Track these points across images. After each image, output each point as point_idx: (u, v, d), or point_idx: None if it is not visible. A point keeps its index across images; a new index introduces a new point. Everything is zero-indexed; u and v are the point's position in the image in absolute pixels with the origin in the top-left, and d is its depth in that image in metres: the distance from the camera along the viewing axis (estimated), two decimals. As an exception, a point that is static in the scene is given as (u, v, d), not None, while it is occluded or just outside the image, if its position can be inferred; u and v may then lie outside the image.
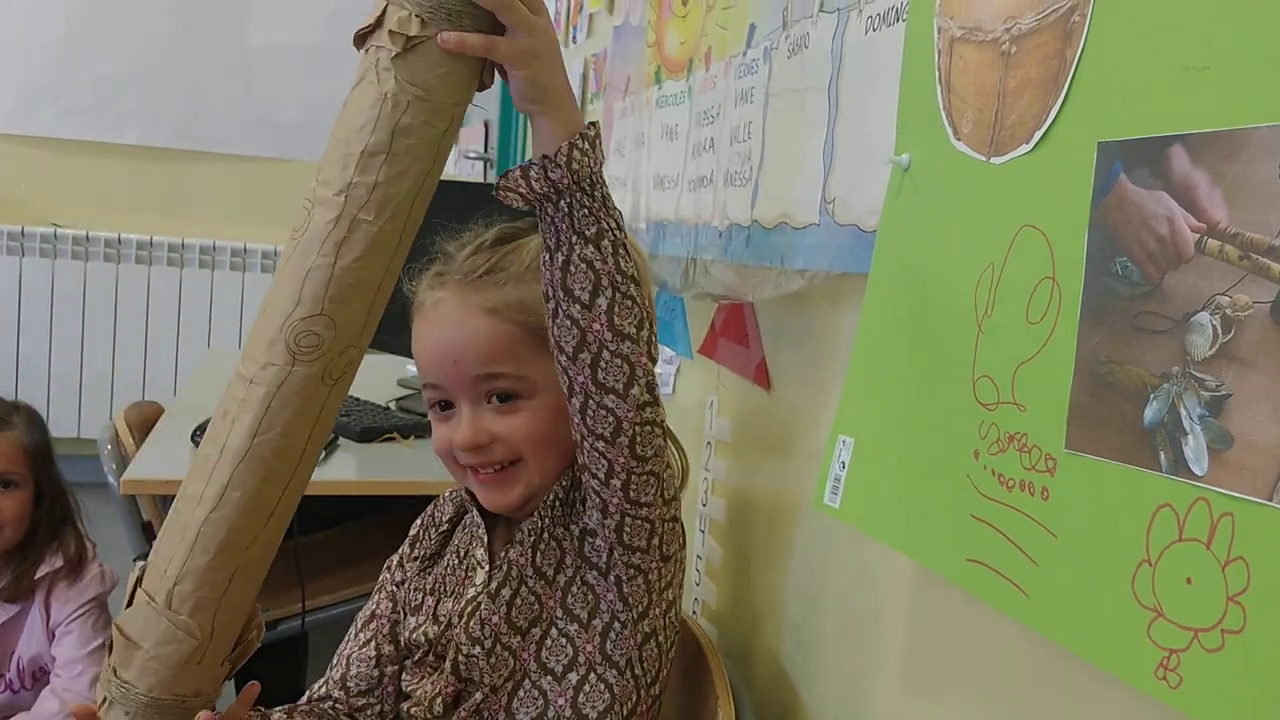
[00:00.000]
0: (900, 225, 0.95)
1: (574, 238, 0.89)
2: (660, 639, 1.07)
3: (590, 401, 0.93)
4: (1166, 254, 0.65)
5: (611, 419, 0.94)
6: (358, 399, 2.17)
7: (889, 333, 0.96)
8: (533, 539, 1.05)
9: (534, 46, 0.88)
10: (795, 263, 1.17)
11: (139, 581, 0.93)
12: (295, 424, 0.88)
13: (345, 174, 0.86)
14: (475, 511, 1.12)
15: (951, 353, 0.85)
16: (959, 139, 0.86)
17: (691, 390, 1.66)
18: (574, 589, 1.04)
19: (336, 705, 1.13)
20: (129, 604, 0.93)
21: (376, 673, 1.13)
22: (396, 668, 1.13)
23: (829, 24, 1.11)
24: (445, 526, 1.17)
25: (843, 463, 0.99)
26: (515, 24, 0.87)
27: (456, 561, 1.12)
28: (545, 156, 0.89)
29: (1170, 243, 0.65)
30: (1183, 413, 0.63)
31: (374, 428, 1.96)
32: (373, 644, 1.14)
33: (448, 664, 1.05)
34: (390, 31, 0.84)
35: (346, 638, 1.18)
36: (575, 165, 0.88)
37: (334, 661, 1.16)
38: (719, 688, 1.17)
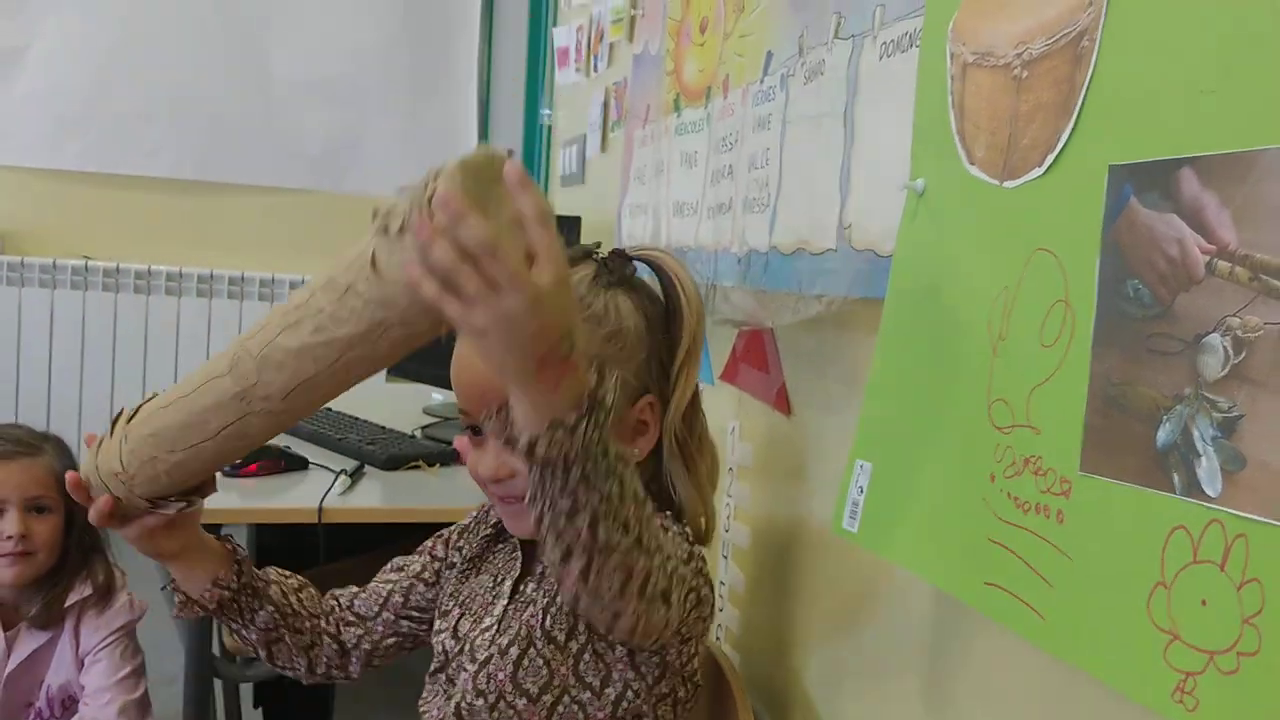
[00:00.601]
0: (915, 250, 0.95)
1: (544, 503, 0.79)
2: (680, 693, 1.05)
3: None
4: (1177, 276, 0.65)
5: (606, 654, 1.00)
6: (383, 427, 2.18)
7: (905, 357, 0.96)
8: (545, 600, 1.04)
9: (481, 325, 0.72)
10: (813, 288, 1.17)
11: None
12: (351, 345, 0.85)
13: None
14: (516, 541, 1.13)
15: (967, 376, 0.85)
16: (972, 163, 0.86)
17: (714, 416, 1.65)
18: (586, 656, 1.02)
19: (334, 609, 1.22)
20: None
21: (376, 609, 1.21)
22: (393, 616, 1.21)
23: (844, 50, 1.12)
24: (489, 531, 1.18)
25: (861, 487, 0.99)
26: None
27: (491, 583, 1.13)
28: (509, 438, 0.81)
29: (1181, 265, 0.65)
30: (1195, 434, 0.63)
31: (399, 455, 1.97)
32: (388, 587, 1.22)
33: (451, 705, 1.05)
34: (390, 210, 0.82)
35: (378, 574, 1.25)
36: (541, 452, 0.76)
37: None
38: (742, 715, 1.16)
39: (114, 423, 1.01)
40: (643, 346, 1.05)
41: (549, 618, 1.03)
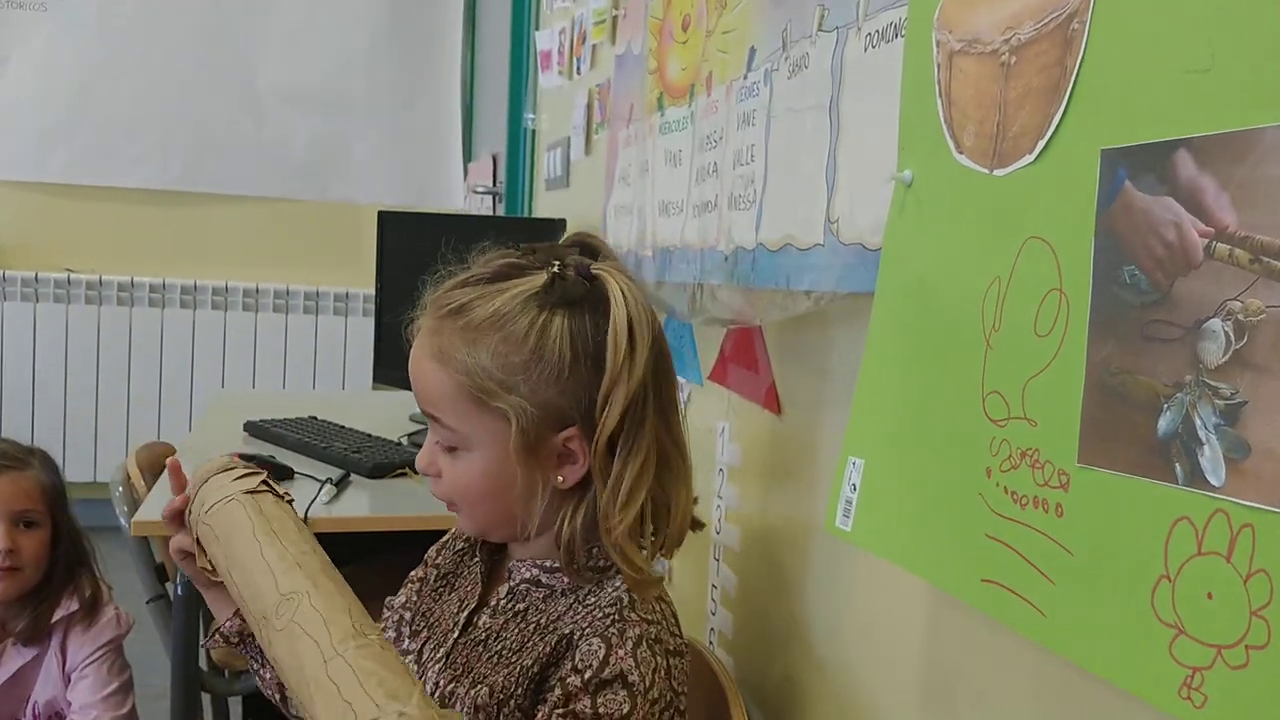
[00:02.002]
0: (904, 242, 0.94)
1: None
2: None
3: None
4: (1175, 260, 0.63)
5: None
6: (369, 435, 2.16)
7: (896, 351, 0.94)
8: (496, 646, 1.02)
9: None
10: (801, 284, 1.15)
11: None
12: None
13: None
14: (481, 559, 1.11)
15: (960, 369, 0.84)
16: (961, 152, 0.85)
17: (702, 417, 1.64)
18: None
19: None
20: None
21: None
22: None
23: (828, 43, 1.11)
24: (463, 545, 1.17)
25: (853, 485, 0.98)
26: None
27: (456, 607, 1.11)
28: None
29: (1178, 249, 0.63)
30: (1197, 422, 0.61)
31: (385, 463, 1.94)
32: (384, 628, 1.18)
33: None
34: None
35: None
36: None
37: None
38: (736, 718, 1.14)
39: (231, 469, 1.10)
40: (565, 377, 0.97)
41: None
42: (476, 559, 1.13)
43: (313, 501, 1.73)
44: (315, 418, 2.33)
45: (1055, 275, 0.73)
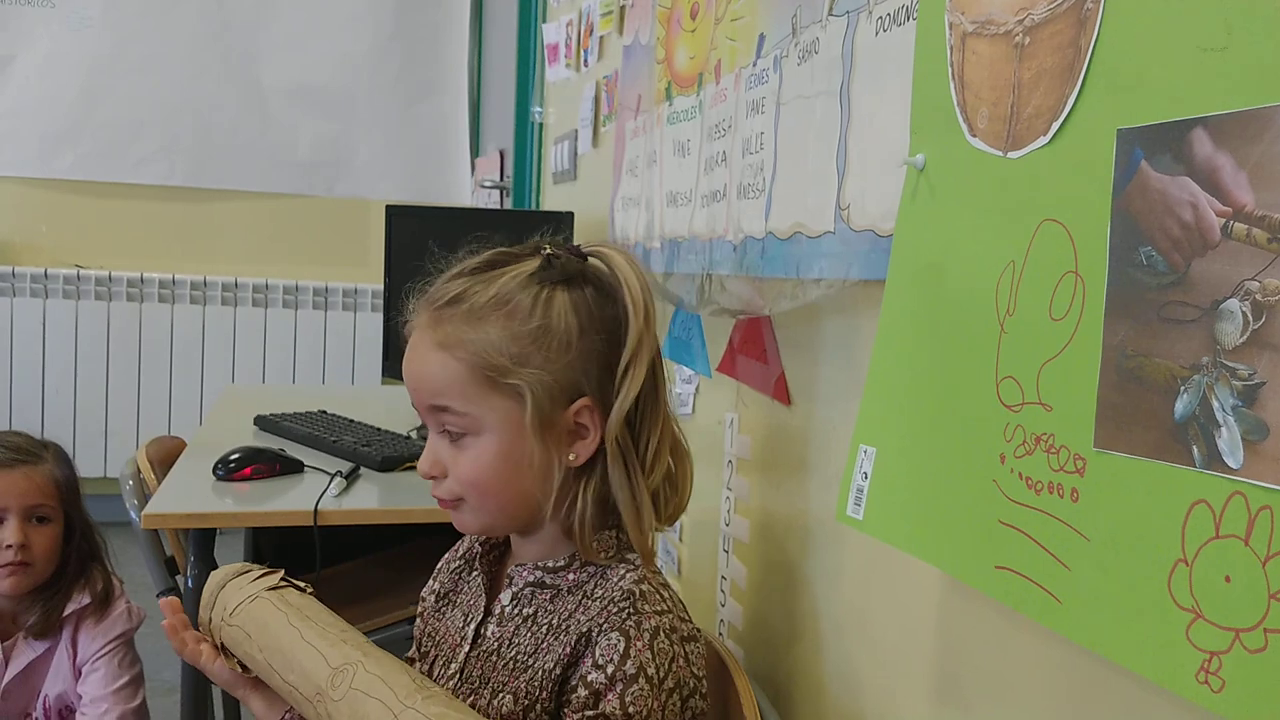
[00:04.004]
0: (916, 227, 0.93)
1: None
2: None
3: None
4: (1192, 241, 0.63)
5: None
6: (378, 428, 2.16)
7: (908, 338, 0.94)
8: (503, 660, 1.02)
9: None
10: (811, 272, 1.15)
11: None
12: None
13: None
14: (481, 574, 1.10)
15: (973, 355, 0.83)
16: (974, 135, 0.84)
17: (711, 409, 1.64)
18: None
19: None
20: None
21: None
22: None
23: (839, 28, 1.10)
24: (460, 562, 1.16)
25: (865, 473, 0.97)
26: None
27: (460, 622, 1.10)
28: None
29: (1195, 229, 0.62)
30: (1215, 404, 0.61)
31: (395, 457, 1.94)
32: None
33: None
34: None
35: None
36: None
37: None
38: (746, 710, 1.14)
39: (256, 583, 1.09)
40: (574, 347, 0.98)
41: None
42: (475, 572, 1.12)
43: (322, 495, 1.73)
44: (325, 412, 2.33)
45: (1071, 258, 0.72)
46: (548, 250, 1.01)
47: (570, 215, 2.44)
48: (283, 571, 1.09)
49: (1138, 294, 0.67)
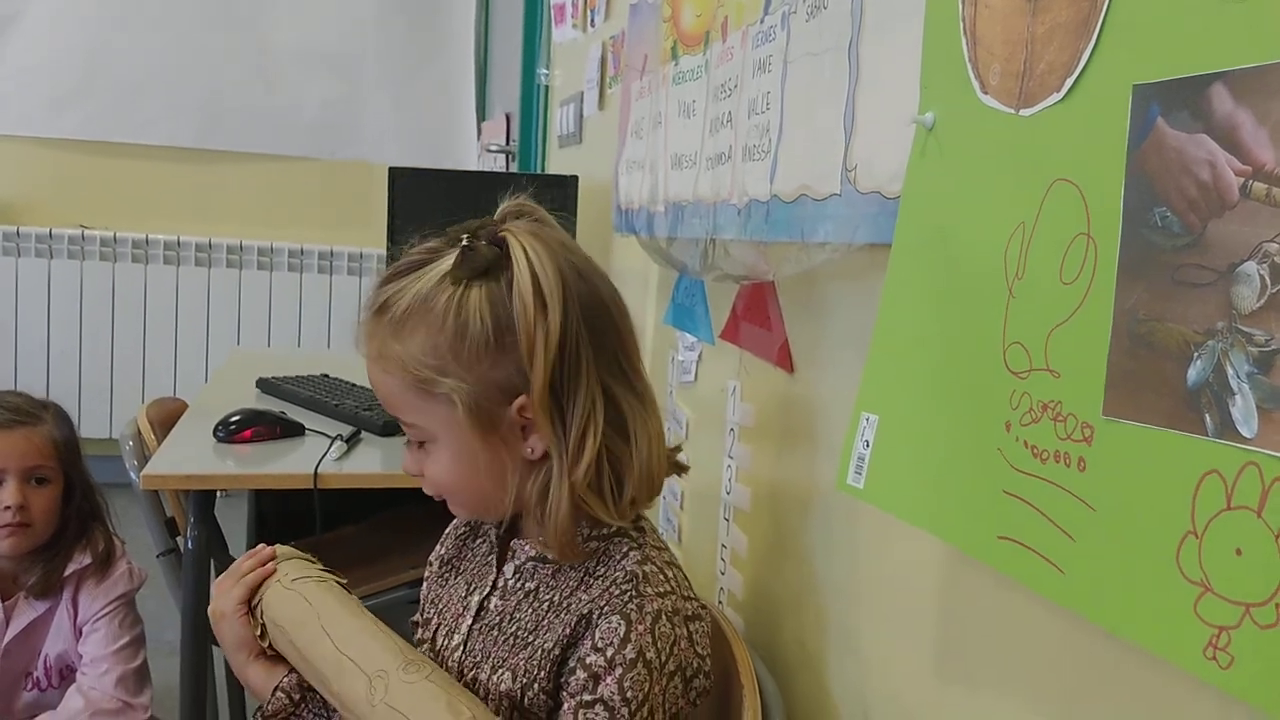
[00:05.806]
0: (925, 188, 0.90)
1: None
2: None
3: None
4: (1209, 201, 0.60)
5: None
6: (380, 392, 2.15)
7: (914, 302, 0.91)
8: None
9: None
10: (816, 236, 1.12)
11: None
12: None
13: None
14: (492, 540, 1.09)
15: (980, 320, 0.81)
16: (986, 92, 0.81)
17: (714, 376, 1.62)
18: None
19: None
20: None
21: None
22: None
23: (848, -16, 1.07)
24: (464, 529, 1.15)
25: (866, 441, 0.95)
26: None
27: (464, 591, 1.09)
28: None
29: (1213, 189, 0.60)
30: (1229, 371, 0.58)
31: (395, 421, 1.92)
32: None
33: None
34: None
35: None
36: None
37: None
38: (744, 679, 1.13)
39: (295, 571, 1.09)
40: (496, 344, 0.93)
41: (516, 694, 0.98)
42: (480, 540, 1.12)
43: (323, 457, 1.72)
44: (327, 375, 2.32)
45: (1083, 219, 0.70)
46: (465, 243, 0.95)
47: (575, 179, 2.41)
48: (344, 580, 1.10)
49: (1151, 256, 0.64)
